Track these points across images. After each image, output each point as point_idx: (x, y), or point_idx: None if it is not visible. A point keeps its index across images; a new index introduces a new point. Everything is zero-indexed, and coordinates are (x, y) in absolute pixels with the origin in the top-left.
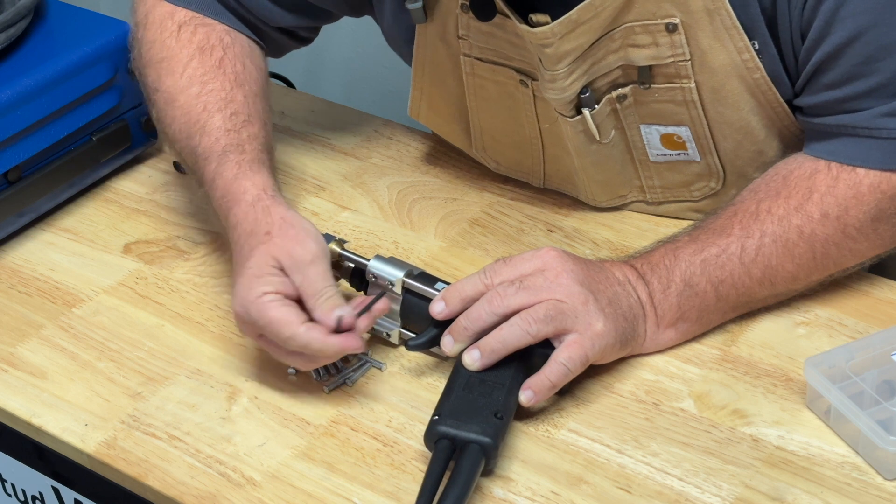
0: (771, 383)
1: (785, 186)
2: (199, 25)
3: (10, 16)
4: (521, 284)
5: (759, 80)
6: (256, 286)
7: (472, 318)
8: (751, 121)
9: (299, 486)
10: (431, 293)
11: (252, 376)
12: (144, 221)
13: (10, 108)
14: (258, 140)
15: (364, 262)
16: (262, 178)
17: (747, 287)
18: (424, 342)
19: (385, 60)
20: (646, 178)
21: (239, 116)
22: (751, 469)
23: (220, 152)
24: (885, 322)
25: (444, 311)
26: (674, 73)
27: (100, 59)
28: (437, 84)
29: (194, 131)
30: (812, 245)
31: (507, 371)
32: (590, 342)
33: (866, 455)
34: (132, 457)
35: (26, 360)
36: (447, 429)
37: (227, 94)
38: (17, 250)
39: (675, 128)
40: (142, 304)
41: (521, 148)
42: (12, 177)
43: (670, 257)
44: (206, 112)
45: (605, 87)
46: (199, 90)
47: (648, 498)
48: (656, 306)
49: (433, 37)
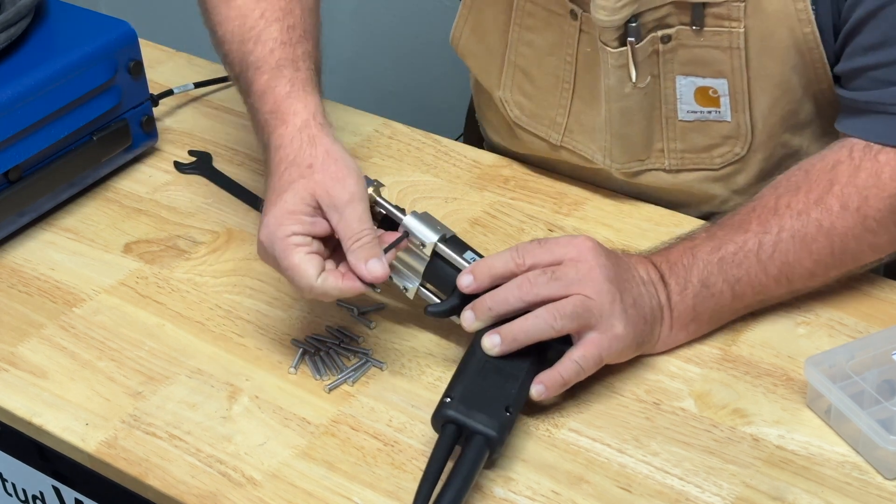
0: (771, 383)
1: (806, 181)
2: None
3: (10, 15)
4: (553, 274)
5: (808, 34)
6: (288, 224)
7: (499, 300)
8: (791, 78)
9: (300, 486)
10: (460, 263)
11: (252, 376)
12: (145, 221)
13: (10, 108)
14: (312, 59)
15: (399, 216)
16: (314, 101)
17: (763, 285)
18: (445, 311)
19: (385, 60)
20: (669, 139)
21: (296, 30)
22: (751, 468)
23: (274, 65)
24: (885, 322)
25: (471, 286)
26: (725, 13)
27: (100, 59)
28: (486, 8)
29: (248, 37)
30: (831, 239)
31: (523, 363)
32: (607, 343)
33: (867, 454)
34: (133, 456)
35: (27, 360)
36: (456, 414)
37: (286, 5)
38: (18, 250)
39: (712, 80)
40: (142, 304)
41: (551, 92)
42: (13, 176)
43: (688, 256)
44: (264, 19)
45: (652, 23)
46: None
47: (649, 497)
48: (673, 308)
49: None
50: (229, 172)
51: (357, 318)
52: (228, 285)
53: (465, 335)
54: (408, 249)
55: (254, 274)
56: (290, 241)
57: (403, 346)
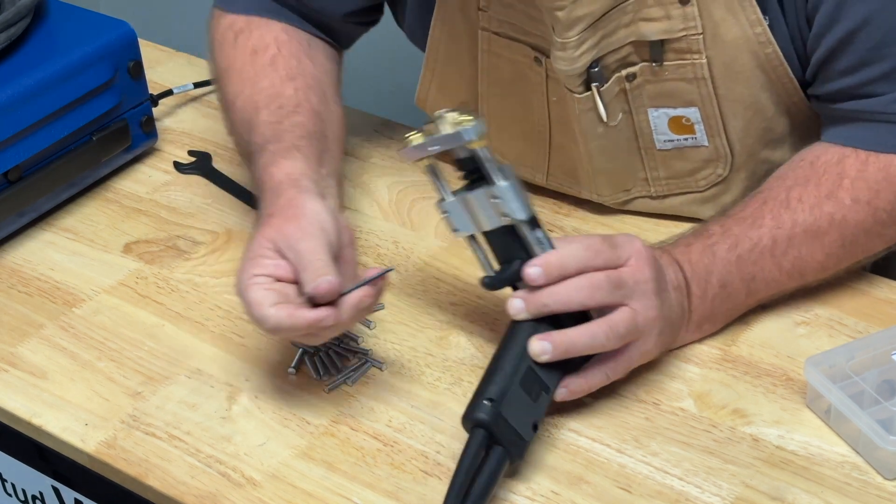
0: (771, 383)
1: (814, 173)
2: (255, 28)
3: (10, 16)
4: (616, 283)
5: (770, 54)
6: (248, 268)
7: (560, 300)
8: (761, 97)
9: (299, 486)
10: (531, 246)
11: (252, 376)
12: (144, 221)
13: (10, 108)
14: (301, 127)
15: (494, 179)
16: (291, 163)
17: (777, 281)
18: (501, 285)
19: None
20: (651, 169)
21: (284, 109)
22: (751, 469)
23: (262, 144)
24: (885, 322)
25: (539, 282)
26: (685, 47)
27: (100, 59)
28: (451, 65)
29: (245, 130)
30: (842, 232)
31: (556, 376)
32: (638, 357)
33: (866, 455)
34: (132, 456)
35: (27, 360)
36: (491, 422)
37: (275, 90)
38: (18, 250)
39: (683, 109)
40: (142, 304)
41: (528, 137)
42: (13, 176)
43: (708, 255)
44: (255, 109)
45: (614, 64)
46: (251, 91)
47: (648, 497)
48: (693, 312)
49: (453, 9)
50: (229, 172)
51: None
52: (228, 285)
53: (466, 337)
54: (482, 200)
55: None
56: (252, 281)
57: (403, 346)
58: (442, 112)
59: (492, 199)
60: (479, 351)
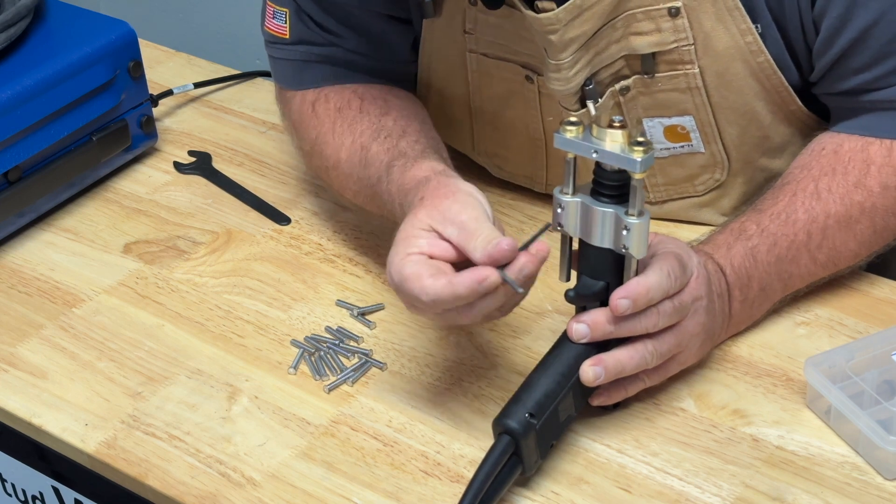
0: (771, 383)
1: (839, 162)
2: (329, 93)
3: (10, 16)
4: (679, 310)
5: (762, 63)
6: (401, 249)
7: (628, 329)
8: (755, 106)
9: (299, 486)
10: (629, 278)
11: (252, 376)
12: (144, 221)
13: (10, 108)
14: (419, 143)
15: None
16: (429, 162)
17: (813, 274)
18: (580, 302)
19: None
20: (649, 175)
21: (393, 135)
22: (751, 469)
23: (386, 168)
24: (885, 322)
25: (626, 313)
26: (677, 59)
27: (100, 59)
28: (443, 85)
29: (360, 171)
30: (873, 219)
31: (585, 401)
32: (676, 366)
33: (866, 455)
34: (132, 457)
35: (26, 360)
36: (522, 436)
37: (376, 127)
38: (18, 250)
39: (678, 118)
40: (142, 304)
41: (525, 151)
42: (12, 177)
43: (749, 259)
44: (364, 149)
45: (608, 79)
46: (351, 139)
47: (648, 498)
48: (732, 317)
49: (440, 33)
50: (229, 172)
51: (357, 318)
52: (228, 285)
53: (466, 337)
54: (607, 219)
55: (253, 274)
56: (407, 258)
57: (403, 346)
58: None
59: (621, 227)
60: (479, 351)
